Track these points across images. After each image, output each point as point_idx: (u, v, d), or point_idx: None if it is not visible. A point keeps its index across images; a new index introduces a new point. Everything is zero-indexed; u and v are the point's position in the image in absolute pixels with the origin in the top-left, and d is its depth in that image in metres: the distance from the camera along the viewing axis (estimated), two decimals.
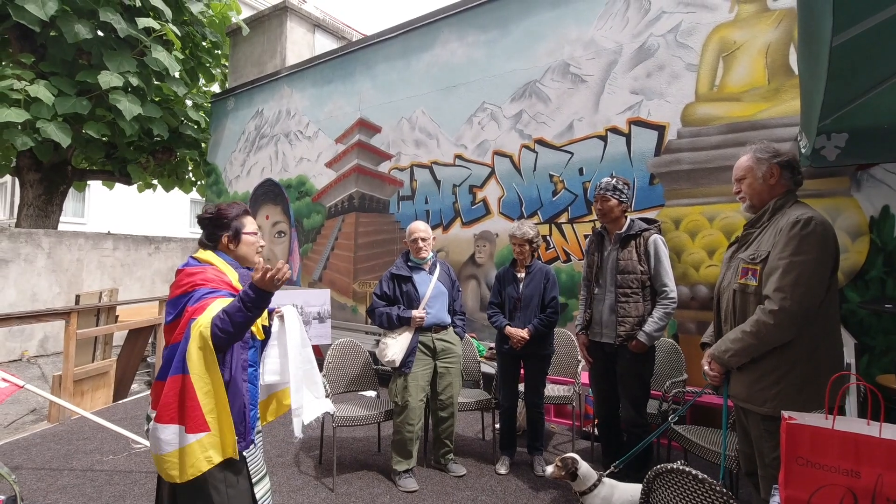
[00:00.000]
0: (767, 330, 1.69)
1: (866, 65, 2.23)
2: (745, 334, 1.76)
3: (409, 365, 2.99)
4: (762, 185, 1.90)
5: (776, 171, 1.88)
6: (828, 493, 0.93)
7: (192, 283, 1.69)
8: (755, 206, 1.94)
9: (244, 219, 1.90)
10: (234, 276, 1.82)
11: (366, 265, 5.88)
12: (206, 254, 1.83)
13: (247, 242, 1.89)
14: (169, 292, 1.75)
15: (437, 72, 5.38)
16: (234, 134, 7.90)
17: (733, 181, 2.03)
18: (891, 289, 3.08)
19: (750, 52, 3.60)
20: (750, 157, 1.94)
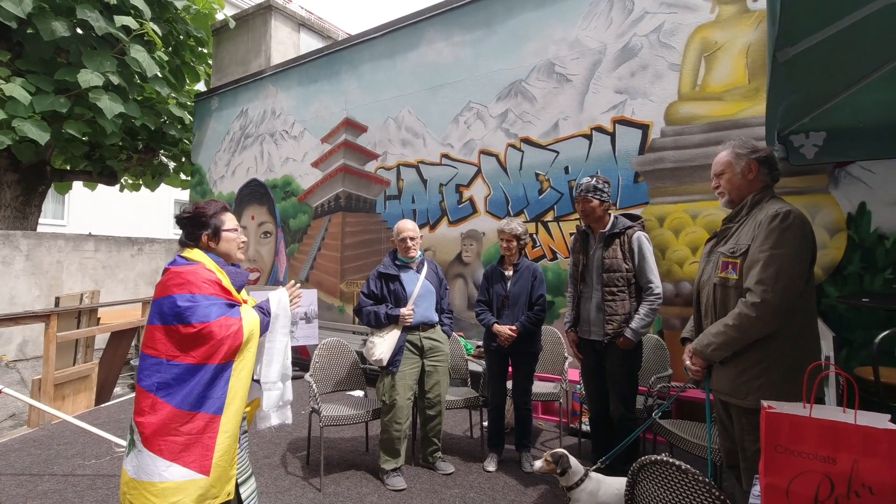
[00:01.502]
0: (750, 323, 1.72)
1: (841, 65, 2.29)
2: (727, 328, 1.78)
3: (396, 364, 2.99)
4: (740, 180, 1.93)
5: (754, 167, 1.91)
6: (806, 479, 0.96)
7: (188, 282, 1.65)
8: (733, 200, 1.97)
9: (223, 216, 1.88)
10: (223, 276, 1.79)
11: (353, 265, 5.85)
12: (194, 252, 1.80)
13: (227, 239, 1.86)
14: (155, 291, 1.70)
15: (424, 71, 5.38)
16: (218, 134, 7.81)
17: (712, 176, 2.06)
18: (868, 284, 3.15)
19: (731, 52, 3.67)
20: (729, 152, 1.98)
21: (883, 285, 3.10)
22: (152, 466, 1.51)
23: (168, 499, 1.51)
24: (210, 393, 1.55)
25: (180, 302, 1.61)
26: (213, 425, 1.55)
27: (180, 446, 1.52)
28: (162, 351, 1.60)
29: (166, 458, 1.51)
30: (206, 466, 1.54)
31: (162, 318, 1.62)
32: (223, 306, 1.69)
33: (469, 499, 2.84)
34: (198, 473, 1.53)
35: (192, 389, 1.55)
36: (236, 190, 7.41)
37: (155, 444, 1.52)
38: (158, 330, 1.62)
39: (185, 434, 1.53)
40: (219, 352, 1.59)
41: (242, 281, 1.89)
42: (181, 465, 1.51)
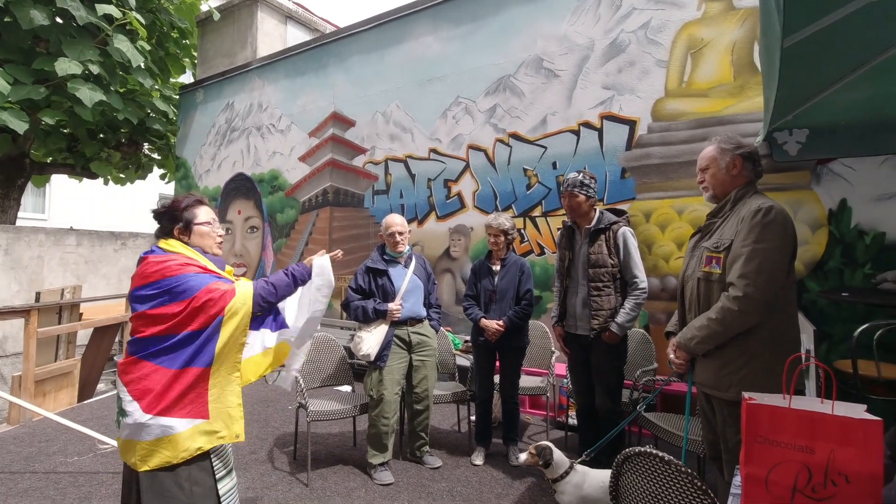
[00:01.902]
0: (732, 316, 1.75)
1: (823, 63, 2.32)
2: (710, 321, 1.81)
3: (384, 358, 2.98)
4: (725, 175, 1.96)
5: (738, 162, 1.94)
6: (784, 468, 0.97)
7: (166, 267, 1.63)
8: (717, 195, 2.00)
9: (196, 209, 1.83)
10: (205, 260, 1.78)
11: (341, 260, 5.81)
12: (171, 243, 1.77)
13: (199, 233, 1.82)
14: (133, 280, 1.67)
15: (412, 65, 5.35)
16: (203, 127, 7.70)
17: (697, 171, 2.08)
18: (848, 278, 3.21)
19: (717, 49, 3.70)
20: (714, 147, 1.99)
21: (862, 280, 3.16)
22: (154, 428, 1.57)
23: (177, 449, 1.58)
24: (203, 349, 1.61)
25: (158, 286, 1.61)
26: (204, 377, 1.62)
27: (177, 402, 1.58)
28: (154, 332, 1.60)
29: (167, 415, 1.57)
30: (203, 411, 1.61)
31: (142, 304, 1.61)
32: (211, 277, 1.70)
33: (456, 492, 2.86)
34: (197, 419, 1.60)
35: (186, 350, 1.60)
36: (222, 184, 7.32)
37: (157, 409, 1.57)
38: (145, 315, 1.61)
39: (179, 389, 1.59)
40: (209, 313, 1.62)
41: (221, 266, 1.87)
42: (180, 417, 1.58)
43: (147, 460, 1.59)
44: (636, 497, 1.50)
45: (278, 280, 1.83)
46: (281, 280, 1.84)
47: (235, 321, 1.66)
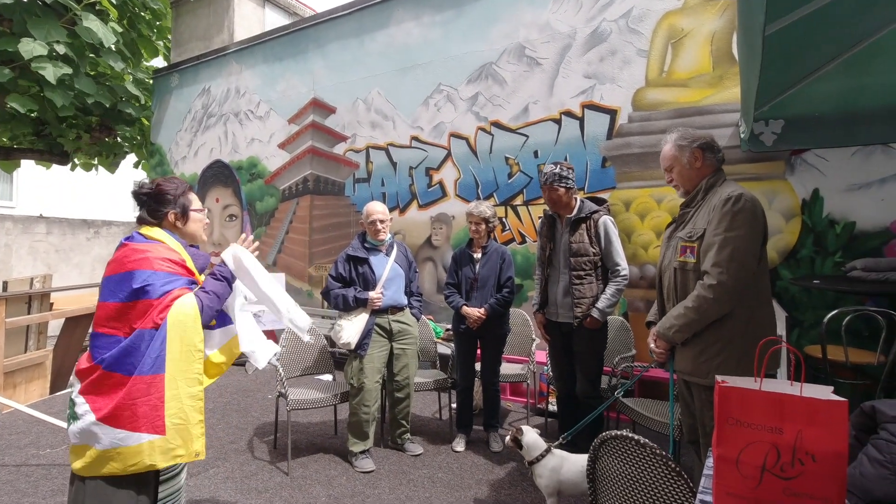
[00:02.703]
0: (707, 304, 1.78)
1: (799, 54, 2.36)
2: (686, 310, 1.84)
3: (364, 347, 2.97)
4: (689, 170, 1.99)
5: (699, 155, 1.97)
6: (754, 449, 1.00)
7: (144, 259, 1.57)
8: (688, 191, 2.03)
9: (190, 195, 1.83)
10: (185, 255, 1.72)
11: (321, 248, 5.77)
12: (155, 231, 1.71)
13: (194, 220, 1.81)
14: (108, 267, 1.60)
15: (393, 52, 5.27)
16: (178, 112, 7.50)
17: (664, 171, 2.11)
18: (819, 267, 3.30)
19: (696, 39, 3.73)
20: (672, 146, 2.02)
21: (833, 268, 3.25)
22: (103, 437, 1.48)
23: (127, 462, 1.49)
24: (156, 354, 1.52)
25: (140, 278, 1.55)
26: (158, 387, 1.51)
27: (131, 412, 1.49)
28: (116, 327, 1.54)
29: (120, 426, 1.48)
30: (159, 426, 1.51)
31: (117, 295, 1.55)
32: (182, 282, 1.64)
33: (437, 479, 2.88)
34: (152, 434, 1.50)
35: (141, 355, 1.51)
36: (199, 171, 7.16)
37: (110, 417, 1.48)
38: (113, 307, 1.55)
39: (133, 398, 1.49)
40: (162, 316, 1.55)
41: (204, 264, 1.83)
42: (132, 430, 1.48)
43: (94, 468, 1.50)
44: (613, 480, 1.53)
45: (213, 285, 1.71)
46: (215, 284, 1.71)
47: (180, 328, 1.55)
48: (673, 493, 1.36)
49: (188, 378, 1.58)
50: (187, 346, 1.57)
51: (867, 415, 1.13)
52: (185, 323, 1.57)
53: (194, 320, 1.59)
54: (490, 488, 2.77)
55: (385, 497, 2.68)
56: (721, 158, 2.02)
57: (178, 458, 1.56)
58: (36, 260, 7.11)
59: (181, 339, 1.56)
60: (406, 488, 2.77)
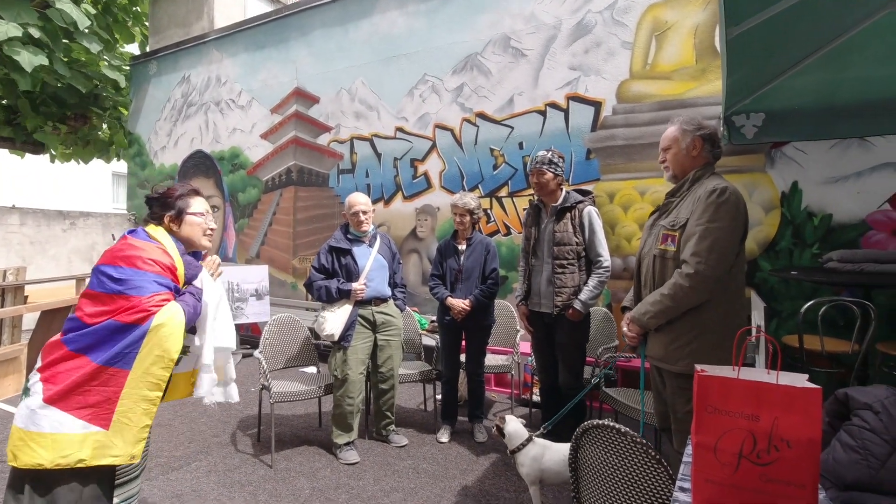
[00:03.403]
0: (683, 292, 1.80)
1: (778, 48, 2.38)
2: (663, 297, 1.86)
3: (348, 338, 2.96)
4: (685, 156, 2.00)
5: (699, 144, 1.98)
6: (732, 436, 1.01)
7: (136, 256, 1.58)
8: (677, 175, 2.04)
9: (191, 199, 1.80)
10: (179, 262, 1.71)
11: (305, 240, 5.71)
12: (158, 231, 1.72)
13: (190, 223, 1.78)
14: (102, 256, 1.61)
15: (377, 41, 5.21)
16: (157, 101, 7.33)
17: (659, 150, 2.11)
18: (797, 258, 3.36)
19: (680, 32, 3.74)
20: (676, 128, 2.03)
21: (810, 259, 3.31)
22: (44, 418, 1.44)
23: (57, 452, 1.43)
24: (127, 350, 1.50)
25: (121, 271, 1.55)
26: (117, 379, 1.48)
27: (81, 398, 1.46)
28: (93, 314, 1.52)
29: (61, 408, 1.44)
30: (104, 420, 1.47)
31: (100, 285, 1.55)
32: (168, 289, 1.62)
33: (422, 469, 2.89)
34: (94, 426, 1.45)
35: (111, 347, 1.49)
36: (179, 162, 7.02)
37: (58, 399, 1.44)
38: (94, 294, 1.56)
39: (91, 384, 1.47)
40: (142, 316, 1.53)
41: (195, 274, 1.80)
42: (76, 416, 1.44)
43: (17, 455, 1.44)
44: (595, 468, 1.54)
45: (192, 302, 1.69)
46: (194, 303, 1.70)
47: (164, 332, 1.53)
48: (653, 480, 1.38)
49: (151, 382, 1.55)
50: (163, 351, 1.55)
51: (840, 402, 1.16)
52: (170, 329, 1.56)
53: (179, 329, 1.58)
54: (474, 478, 2.79)
55: (370, 488, 2.68)
56: (717, 154, 2.03)
57: (112, 458, 1.49)
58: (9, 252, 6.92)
59: (160, 344, 1.54)
60: (391, 479, 2.77)
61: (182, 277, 1.71)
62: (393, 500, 2.57)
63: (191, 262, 1.77)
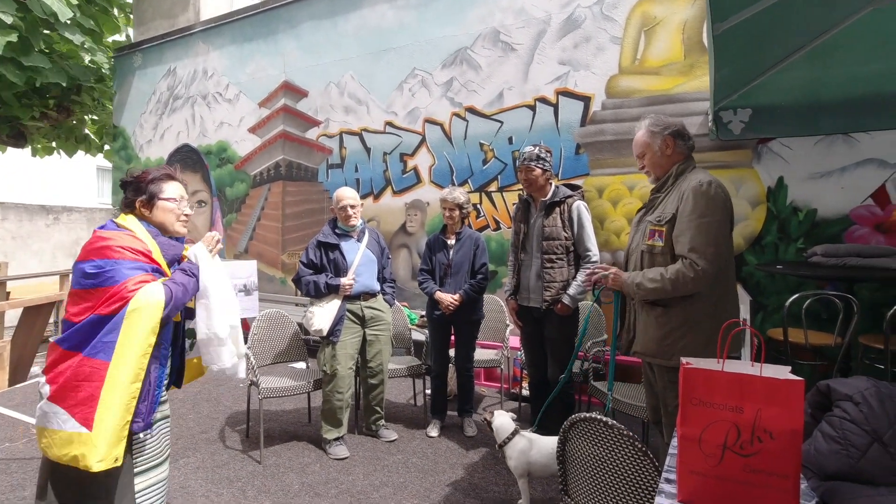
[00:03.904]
0: (685, 281, 1.80)
1: (765, 45, 2.40)
2: (663, 279, 1.84)
3: (337, 333, 2.94)
4: (661, 157, 2.02)
5: (670, 142, 2.00)
6: (716, 428, 1.02)
7: (106, 247, 1.56)
8: (658, 177, 2.06)
9: (164, 183, 1.76)
10: (154, 245, 1.68)
11: (294, 235, 5.67)
12: (127, 219, 1.70)
13: (162, 209, 1.74)
14: (80, 253, 1.61)
15: (366, 35, 5.17)
16: (142, 94, 7.21)
17: (636, 157, 2.13)
18: (783, 252, 3.40)
19: (669, 27, 3.75)
20: (645, 132, 2.04)
21: (795, 254, 3.36)
22: (52, 416, 1.49)
23: (62, 449, 1.47)
24: (106, 339, 1.49)
25: (93, 265, 1.54)
26: (99, 372, 1.48)
27: (73, 393, 1.48)
28: (77, 312, 1.53)
29: (62, 406, 1.48)
30: (88, 419, 1.47)
31: (79, 281, 1.56)
32: (144, 271, 1.60)
33: (411, 464, 2.89)
34: (81, 426, 1.47)
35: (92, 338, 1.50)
36: (166, 156, 6.93)
37: (58, 396, 1.49)
38: (74, 293, 1.57)
39: (78, 378, 1.48)
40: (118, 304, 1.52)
41: (175, 253, 1.78)
42: (70, 413, 1.47)
43: (45, 450, 1.52)
44: (582, 461, 1.55)
45: (183, 279, 1.68)
46: (186, 279, 1.69)
47: (138, 317, 1.51)
48: (639, 472, 1.40)
49: (131, 373, 1.52)
50: (141, 338, 1.53)
51: (822, 393, 1.18)
52: (145, 313, 1.53)
53: (156, 311, 1.55)
54: (464, 472, 2.80)
55: (359, 483, 2.68)
56: (691, 146, 2.05)
57: (98, 464, 1.47)
58: None
59: (134, 331, 1.52)
60: (380, 474, 2.77)
61: (161, 260, 1.68)
62: (382, 494, 2.57)
63: (167, 243, 1.74)
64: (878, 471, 0.99)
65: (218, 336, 1.79)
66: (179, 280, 1.66)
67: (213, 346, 1.81)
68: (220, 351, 1.82)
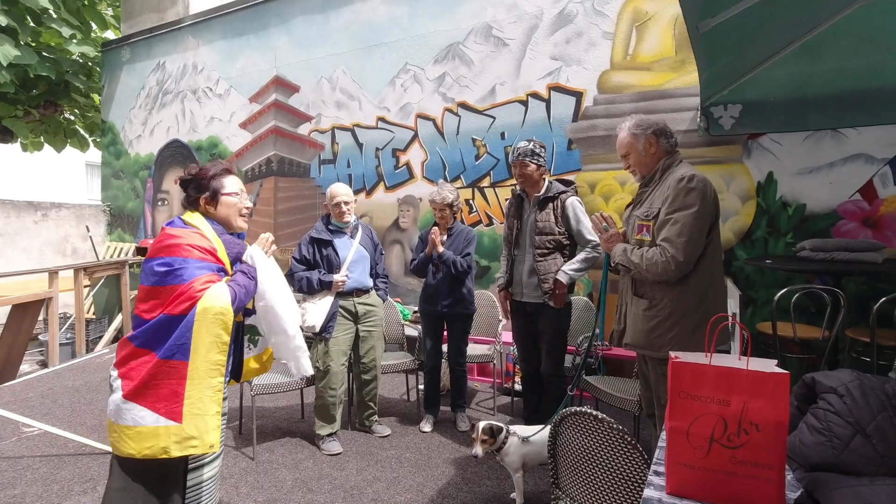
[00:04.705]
0: (654, 264, 1.86)
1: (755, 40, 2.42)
2: (642, 258, 1.91)
3: (329, 330, 2.94)
4: (645, 156, 2.05)
5: (653, 141, 2.04)
6: (704, 420, 1.04)
7: (176, 245, 1.58)
8: (644, 175, 2.10)
9: (224, 178, 1.77)
10: (219, 244, 1.70)
11: (287, 232, 5.65)
12: (194, 216, 1.71)
13: (226, 204, 1.76)
14: (149, 250, 1.63)
15: (358, 29, 5.14)
16: (131, 89, 7.13)
17: (621, 158, 2.16)
18: (772, 247, 3.44)
19: (660, 23, 3.76)
20: (627, 134, 2.08)
21: (784, 248, 3.39)
22: (126, 412, 1.51)
23: (143, 443, 1.50)
24: (181, 340, 1.53)
25: (162, 262, 1.57)
26: (181, 373, 1.53)
27: (153, 392, 1.52)
28: (148, 309, 1.56)
29: (139, 403, 1.51)
30: (176, 413, 1.52)
31: (149, 278, 1.59)
32: (211, 271, 1.63)
33: (405, 459, 2.90)
34: (169, 420, 1.51)
35: (168, 338, 1.53)
36: (156, 151, 6.86)
37: (134, 394, 1.51)
38: (145, 290, 1.59)
39: (158, 379, 1.52)
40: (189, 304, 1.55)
41: (239, 251, 1.80)
42: (152, 409, 1.51)
43: (117, 446, 1.54)
44: (573, 454, 1.57)
45: (244, 281, 1.72)
46: (246, 281, 1.73)
47: (209, 317, 1.55)
48: (629, 464, 1.41)
49: (210, 368, 1.57)
50: (215, 336, 1.56)
51: (808, 386, 1.19)
52: (216, 313, 1.56)
53: (225, 311, 1.58)
54: (457, 467, 2.81)
55: (352, 478, 2.68)
56: (674, 142, 2.09)
57: (192, 449, 1.54)
58: None
59: (209, 329, 1.55)
60: (373, 469, 2.78)
61: (225, 258, 1.71)
62: (376, 489, 2.58)
63: (231, 241, 1.77)
64: (861, 461, 1.01)
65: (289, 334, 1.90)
66: (241, 282, 1.69)
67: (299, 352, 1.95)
68: (300, 357, 1.96)
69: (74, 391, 4.08)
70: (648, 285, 1.98)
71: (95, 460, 2.88)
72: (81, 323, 5.27)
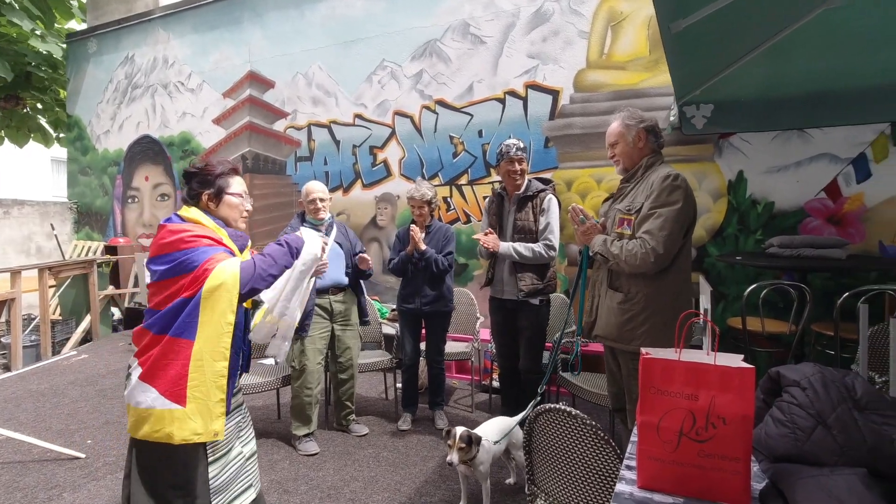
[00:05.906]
0: (634, 255, 1.89)
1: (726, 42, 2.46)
2: (622, 250, 1.94)
3: (305, 328, 2.90)
4: (632, 148, 2.08)
5: (643, 135, 2.06)
6: (673, 415, 1.06)
7: (178, 240, 1.54)
8: (627, 168, 2.12)
9: (231, 178, 1.73)
10: (223, 233, 1.66)
11: (263, 230, 5.56)
12: (192, 211, 1.66)
13: (229, 204, 1.72)
14: (150, 249, 1.60)
15: (335, 25, 5.08)
16: (98, 82, 6.92)
17: (607, 146, 2.18)
18: (743, 244, 3.53)
19: (634, 23, 3.82)
20: (620, 123, 2.10)
21: (754, 245, 3.48)
22: (141, 394, 1.50)
23: (154, 426, 1.49)
24: (189, 318, 1.51)
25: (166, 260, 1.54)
26: (185, 351, 1.50)
27: (163, 372, 1.50)
28: (164, 299, 1.53)
29: (152, 384, 1.50)
30: (180, 396, 1.49)
31: (159, 275, 1.55)
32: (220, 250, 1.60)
33: (382, 458, 2.89)
34: (173, 402, 1.49)
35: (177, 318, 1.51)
36: (125, 147, 6.67)
37: (148, 375, 1.50)
38: (156, 285, 1.56)
39: (167, 358, 1.50)
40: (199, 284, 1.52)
41: (243, 244, 1.76)
42: (160, 392, 1.49)
43: (135, 428, 1.53)
44: (548, 450, 1.58)
45: (274, 250, 1.69)
46: (276, 250, 1.69)
47: (214, 294, 1.51)
48: (602, 459, 1.43)
49: (215, 352, 1.53)
50: (218, 316, 1.52)
51: (773, 380, 1.22)
52: (220, 291, 1.52)
53: (230, 288, 1.53)
54: (435, 465, 2.81)
55: (329, 478, 2.66)
56: (661, 143, 2.12)
57: (196, 436, 1.51)
58: None
59: (213, 309, 1.51)
60: (351, 469, 2.76)
61: (232, 245, 1.67)
62: (353, 489, 2.56)
63: (234, 234, 1.73)
64: (823, 452, 1.04)
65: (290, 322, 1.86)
66: (267, 251, 1.67)
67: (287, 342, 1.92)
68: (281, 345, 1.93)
69: (39, 395, 3.95)
70: (625, 278, 2.01)
71: (61, 466, 2.79)
72: (47, 324, 5.10)
